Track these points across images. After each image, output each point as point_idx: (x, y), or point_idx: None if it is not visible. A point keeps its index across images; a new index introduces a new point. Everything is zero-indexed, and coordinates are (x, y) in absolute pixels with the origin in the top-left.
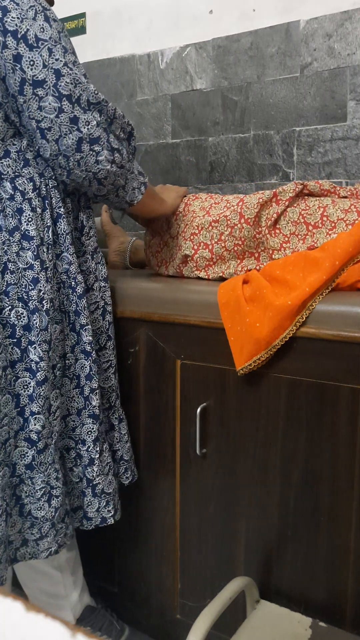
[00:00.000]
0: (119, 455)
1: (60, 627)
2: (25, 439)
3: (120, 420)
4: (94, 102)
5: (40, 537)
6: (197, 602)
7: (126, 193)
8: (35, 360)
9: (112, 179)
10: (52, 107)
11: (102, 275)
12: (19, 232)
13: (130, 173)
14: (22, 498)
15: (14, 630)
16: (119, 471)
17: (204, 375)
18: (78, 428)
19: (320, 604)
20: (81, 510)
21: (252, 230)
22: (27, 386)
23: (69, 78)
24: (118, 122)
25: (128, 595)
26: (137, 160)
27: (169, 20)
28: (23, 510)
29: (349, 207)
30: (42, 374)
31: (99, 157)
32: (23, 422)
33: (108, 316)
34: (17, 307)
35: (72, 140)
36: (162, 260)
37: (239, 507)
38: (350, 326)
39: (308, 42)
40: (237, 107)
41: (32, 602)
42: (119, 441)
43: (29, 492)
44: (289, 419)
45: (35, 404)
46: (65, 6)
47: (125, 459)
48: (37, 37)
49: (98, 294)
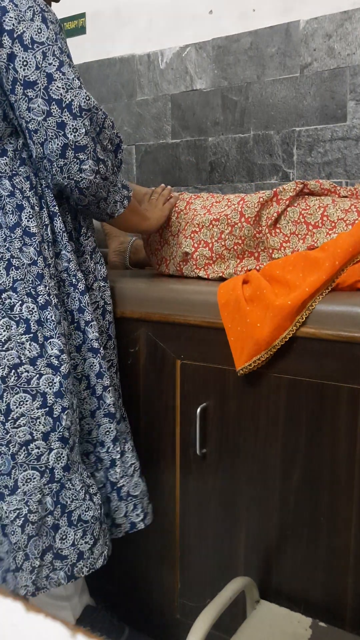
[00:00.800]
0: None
1: (60, 627)
2: (59, 439)
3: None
4: (86, 108)
5: (94, 542)
6: (197, 602)
7: (107, 205)
8: (56, 354)
9: (94, 190)
10: (41, 109)
11: (102, 275)
12: (20, 229)
13: (114, 186)
14: (68, 504)
15: (14, 631)
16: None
17: (204, 375)
18: (94, 430)
19: (320, 604)
20: (109, 517)
21: (252, 229)
22: (52, 383)
23: (60, 82)
24: (107, 133)
25: (128, 595)
26: (133, 166)
27: (168, 20)
28: (72, 519)
29: (349, 207)
30: (65, 367)
31: (83, 165)
32: (53, 421)
33: (108, 316)
34: (27, 303)
35: (57, 145)
36: (162, 258)
37: (239, 507)
38: (350, 326)
39: (308, 42)
40: (237, 107)
41: (32, 603)
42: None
43: (73, 495)
44: (289, 419)
45: (65, 399)
46: (65, 6)
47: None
48: (32, 39)
49: (98, 294)
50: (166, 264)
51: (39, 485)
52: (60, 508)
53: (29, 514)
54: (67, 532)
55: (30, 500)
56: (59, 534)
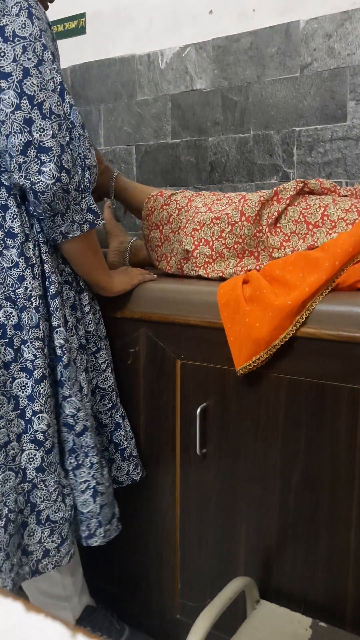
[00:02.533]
0: (127, 452)
1: (60, 627)
2: (31, 440)
3: (124, 418)
4: (56, 112)
5: (61, 542)
6: (197, 602)
7: (63, 222)
8: (30, 358)
9: (50, 198)
10: (11, 101)
11: None
12: (3, 230)
13: (76, 204)
14: (38, 504)
15: (14, 631)
16: (129, 469)
17: (204, 375)
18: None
19: (320, 604)
20: None
21: (252, 228)
22: (25, 387)
23: (36, 80)
24: (81, 147)
25: (128, 595)
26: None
27: (168, 20)
28: (40, 518)
29: (350, 206)
30: (39, 372)
31: (43, 167)
32: (25, 424)
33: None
34: (6, 307)
35: (20, 141)
36: (162, 255)
37: (239, 507)
38: (350, 326)
39: (308, 42)
40: (237, 107)
41: (32, 603)
42: (126, 438)
43: (44, 496)
44: (289, 419)
45: (36, 403)
46: (65, 6)
47: (133, 454)
48: (14, 32)
49: (89, 294)
50: (167, 261)
51: (14, 485)
52: (30, 507)
53: (9, 514)
54: (35, 530)
55: (8, 500)
56: (27, 531)
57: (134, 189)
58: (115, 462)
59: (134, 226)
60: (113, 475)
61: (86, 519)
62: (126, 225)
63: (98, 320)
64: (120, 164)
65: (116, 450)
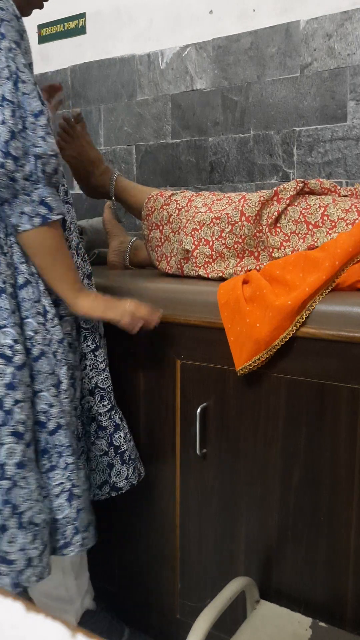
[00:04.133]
0: (127, 455)
1: (61, 627)
2: (11, 433)
3: (122, 419)
4: (9, 99)
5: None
6: (197, 602)
7: (12, 212)
8: (9, 343)
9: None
10: None
11: (86, 272)
12: None
13: (25, 194)
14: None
15: (14, 631)
16: (128, 473)
17: (204, 375)
18: None
19: (320, 604)
20: None
21: (252, 228)
22: (3, 374)
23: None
24: (33, 137)
25: (128, 596)
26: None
27: (169, 20)
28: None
29: (350, 206)
30: (19, 358)
31: None
32: (5, 415)
33: None
34: None
35: None
36: (162, 255)
37: (239, 507)
38: (350, 326)
39: (308, 42)
40: (237, 107)
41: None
42: (125, 440)
43: (26, 495)
44: (289, 419)
45: (17, 391)
46: (65, 6)
47: (132, 457)
48: None
49: None
50: (167, 261)
51: None
52: (11, 508)
53: None
54: (16, 535)
55: None
56: (7, 536)
57: (134, 190)
58: (114, 466)
59: (134, 226)
60: (112, 482)
61: (61, 525)
62: (126, 225)
63: None
64: (120, 164)
65: (116, 454)
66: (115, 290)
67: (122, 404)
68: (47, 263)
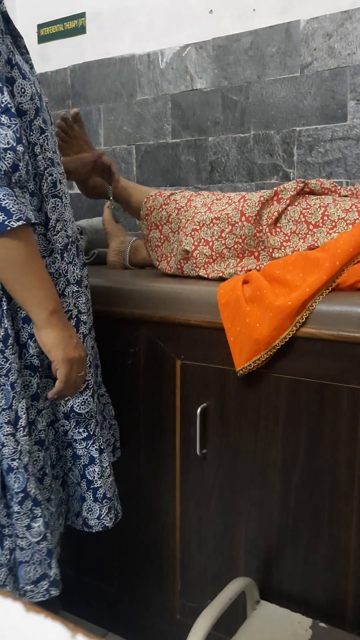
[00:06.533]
0: (100, 493)
1: (60, 627)
2: None
3: (101, 451)
4: None
5: None
6: (197, 602)
7: None
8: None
9: None
10: None
11: (75, 278)
12: None
13: None
14: None
15: (14, 631)
16: (101, 512)
17: (204, 376)
18: None
19: (320, 604)
20: None
21: (252, 228)
22: None
23: None
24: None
25: (128, 596)
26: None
27: (169, 20)
28: None
29: (350, 206)
30: None
31: None
32: None
33: (83, 327)
34: None
35: None
36: (162, 255)
37: (239, 507)
38: (350, 326)
39: (308, 42)
40: (237, 107)
41: None
42: (101, 476)
43: None
44: (289, 419)
45: None
46: (65, 6)
47: (107, 496)
48: None
49: (70, 301)
50: (167, 261)
51: None
52: None
53: None
54: None
55: None
56: None
57: (132, 189)
58: (86, 501)
59: (134, 226)
60: (83, 516)
61: None
62: (126, 225)
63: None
64: (120, 163)
65: (88, 488)
66: (115, 290)
67: (122, 403)
68: (13, 279)
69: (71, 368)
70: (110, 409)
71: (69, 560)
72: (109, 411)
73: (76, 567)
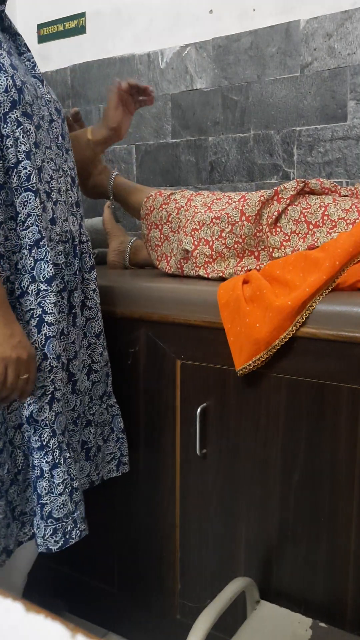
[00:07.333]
0: (46, 511)
1: (61, 627)
2: None
3: (54, 466)
4: None
5: None
6: (197, 602)
7: None
8: None
9: None
10: None
11: (45, 276)
12: None
13: None
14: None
15: (14, 631)
16: (45, 532)
17: (204, 375)
18: None
19: (320, 604)
20: None
21: (252, 228)
22: None
23: None
24: None
25: (128, 596)
26: (136, 161)
27: (169, 19)
28: None
29: (350, 206)
30: None
31: None
32: None
33: (46, 329)
34: None
35: None
36: (162, 255)
37: (239, 507)
38: (350, 326)
39: (308, 42)
40: (237, 107)
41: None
42: (48, 492)
43: None
44: (289, 419)
45: None
46: (65, 6)
47: (54, 516)
48: None
49: (33, 299)
50: (167, 261)
51: None
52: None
53: None
54: None
55: None
56: None
57: (132, 189)
58: (36, 515)
59: (134, 226)
60: (33, 532)
61: None
62: (126, 225)
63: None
64: (120, 163)
65: (38, 502)
66: (115, 290)
67: (122, 404)
68: None
69: (6, 368)
70: (119, 421)
71: (69, 560)
72: (117, 423)
73: (76, 567)
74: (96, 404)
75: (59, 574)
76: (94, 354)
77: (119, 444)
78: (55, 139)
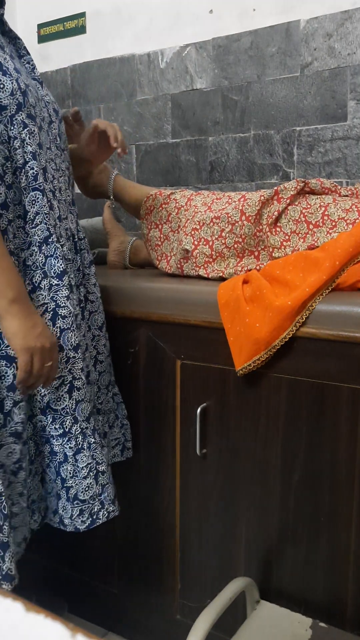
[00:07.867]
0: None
1: (61, 627)
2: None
3: (78, 451)
4: None
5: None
6: (197, 602)
7: None
8: None
9: None
10: None
11: (55, 271)
12: None
13: None
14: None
15: (14, 631)
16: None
17: (204, 375)
18: None
19: (320, 604)
20: None
21: (252, 227)
22: (5, 376)
23: None
24: None
25: (128, 596)
26: (136, 161)
27: (169, 19)
28: None
29: (351, 206)
30: None
31: None
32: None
33: (60, 321)
34: None
35: None
36: (162, 254)
37: (239, 507)
38: (350, 326)
39: (308, 42)
40: (237, 107)
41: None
42: (73, 476)
43: None
44: (289, 419)
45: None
46: (66, 6)
47: (80, 498)
48: None
49: (46, 294)
50: (167, 260)
51: None
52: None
53: None
54: None
55: None
56: None
57: (132, 189)
58: (61, 499)
59: (134, 226)
60: (60, 514)
61: None
62: (126, 225)
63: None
64: (120, 163)
65: (62, 486)
66: (115, 290)
67: (122, 403)
68: None
69: (32, 357)
70: (122, 408)
71: (69, 560)
72: (121, 410)
73: (76, 567)
74: (103, 393)
75: (59, 574)
76: (99, 346)
77: (123, 429)
78: (54, 140)
